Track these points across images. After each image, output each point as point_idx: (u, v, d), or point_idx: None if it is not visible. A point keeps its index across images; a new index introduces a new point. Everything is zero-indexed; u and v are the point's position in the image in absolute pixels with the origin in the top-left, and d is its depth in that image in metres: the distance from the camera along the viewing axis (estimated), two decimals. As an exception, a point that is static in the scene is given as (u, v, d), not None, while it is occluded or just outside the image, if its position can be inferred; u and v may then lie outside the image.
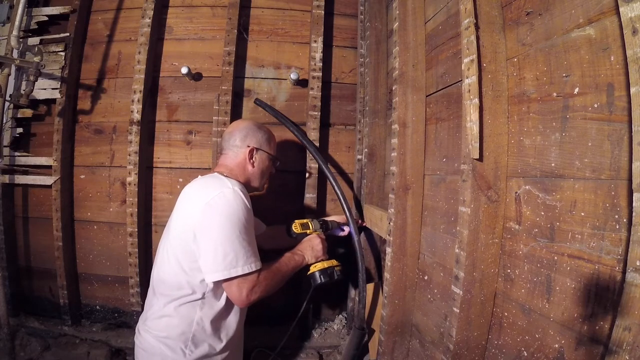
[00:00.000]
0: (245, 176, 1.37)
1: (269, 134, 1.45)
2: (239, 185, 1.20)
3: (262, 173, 1.41)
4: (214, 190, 1.15)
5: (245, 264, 1.11)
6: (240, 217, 1.13)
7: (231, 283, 1.11)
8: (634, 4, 0.60)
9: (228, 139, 1.38)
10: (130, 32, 1.95)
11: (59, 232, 1.86)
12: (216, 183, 1.19)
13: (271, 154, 1.44)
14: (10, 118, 1.92)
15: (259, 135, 1.40)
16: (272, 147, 1.45)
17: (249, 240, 1.15)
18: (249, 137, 1.38)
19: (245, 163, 1.36)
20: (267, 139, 1.42)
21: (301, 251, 1.39)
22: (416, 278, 1.38)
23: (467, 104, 0.97)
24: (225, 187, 1.16)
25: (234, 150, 1.37)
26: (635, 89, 0.60)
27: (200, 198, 1.15)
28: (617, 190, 0.66)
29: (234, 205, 1.13)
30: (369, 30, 1.92)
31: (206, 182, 1.23)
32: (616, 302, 0.63)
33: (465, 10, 0.98)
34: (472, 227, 0.97)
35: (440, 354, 1.13)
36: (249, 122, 1.42)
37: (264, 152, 1.40)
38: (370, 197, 1.86)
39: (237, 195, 1.15)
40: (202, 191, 1.18)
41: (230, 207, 1.13)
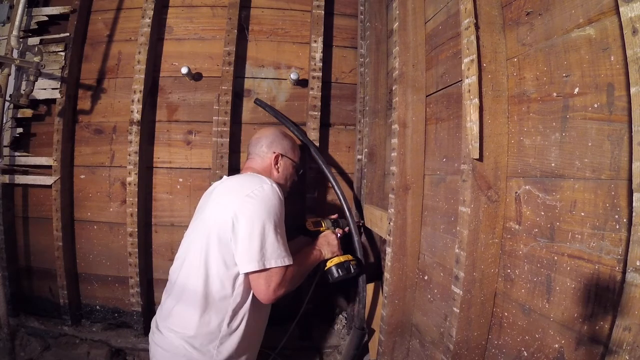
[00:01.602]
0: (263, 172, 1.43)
1: (293, 142, 1.52)
2: (276, 183, 1.26)
3: (286, 179, 1.49)
4: (253, 184, 1.21)
5: (279, 257, 1.15)
6: (277, 212, 1.19)
7: (260, 275, 1.13)
8: (634, 4, 0.60)
9: (255, 144, 1.46)
10: (130, 32, 1.95)
11: (59, 232, 1.86)
12: (255, 179, 1.25)
13: (295, 162, 1.51)
14: (10, 118, 1.92)
15: (284, 143, 1.48)
16: (296, 155, 1.52)
17: (282, 234, 1.20)
18: (274, 144, 1.45)
19: (271, 168, 1.43)
20: (291, 147, 1.50)
21: (318, 247, 1.44)
22: (416, 278, 1.38)
23: (467, 104, 0.97)
24: (264, 183, 1.22)
25: (260, 155, 1.44)
26: (635, 89, 0.60)
27: (240, 190, 1.20)
28: (617, 190, 0.66)
29: (273, 199, 1.19)
30: (369, 30, 1.92)
31: (243, 178, 1.30)
32: (616, 302, 0.63)
33: (465, 10, 0.98)
34: (472, 227, 0.97)
35: (440, 354, 1.13)
36: (276, 130, 1.51)
37: (289, 159, 1.47)
38: (370, 197, 1.86)
39: (275, 191, 1.22)
40: (241, 185, 1.23)
41: (270, 200, 1.18)
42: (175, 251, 1.93)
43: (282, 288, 1.16)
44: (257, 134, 1.50)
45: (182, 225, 1.94)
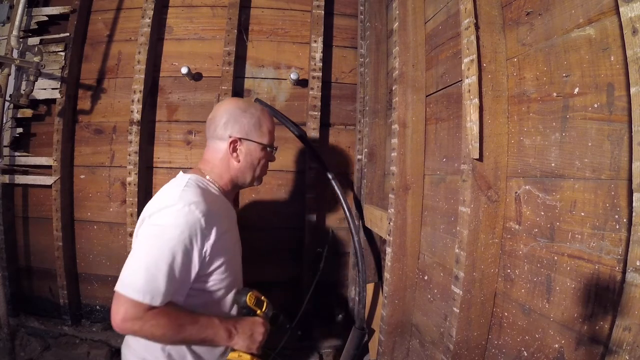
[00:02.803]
0: (230, 173, 1.12)
1: (257, 116, 1.14)
2: (200, 200, 0.95)
3: (253, 166, 1.14)
4: (165, 201, 0.95)
5: (140, 290, 0.85)
6: (175, 247, 0.89)
7: (118, 297, 0.87)
8: (634, 4, 0.60)
9: (209, 126, 1.13)
10: (130, 32, 1.95)
11: (59, 232, 1.86)
12: (173, 192, 0.97)
13: (263, 143, 1.14)
14: (10, 118, 1.92)
15: (243, 121, 1.10)
16: (265, 132, 1.15)
17: (170, 272, 0.88)
18: (230, 124, 1.10)
19: (228, 158, 1.10)
20: (255, 123, 1.12)
21: (236, 329, 1.01)
22: (416, 278, 1.38)
23: (467, 104, 0.97)
24: (178, 202, 0.92)
25: (214, 141, 1.11)
26: (635, 89, 0.60)
27: (151, 206, 0.98)
28: (617, 190, 0.66)
29: (175, 231, 0.89)
30: (369, 30, 1.92)
31: (168, 187, 1.03)
32: (616, 302, 0.63)
33: (465, 10, 0.98)
34: (472, 227, 0.97)
35: (440, 354, 1.13)
36: (232, 104, 1.13)
37: (253, 142, 1.11)
38: (370, 197, 1.86)
39: (184, 220, 0.90)
40: (157, 198, 1.00)
41: (170, 231, 0.89)
42: (175, 251, 1.95)
43: (133, 327, 0.87)
44: (212, 110, 1.15)
45: (182, 225, 1.94)
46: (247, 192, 1.96)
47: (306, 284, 1.91)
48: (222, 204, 1.07)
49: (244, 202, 1.96)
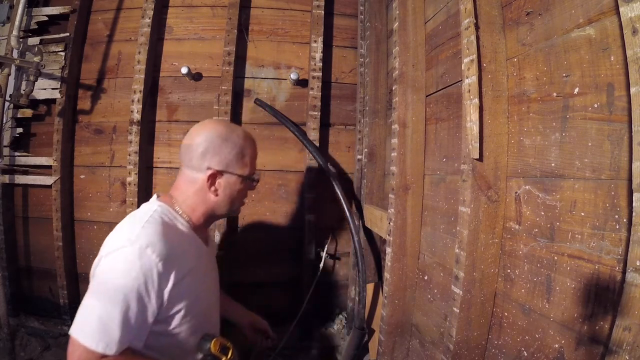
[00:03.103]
0: (206, 207, 1.01)
1: (240, 145, 1.01)
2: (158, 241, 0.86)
3: (232, 199, 1.03)
4: (122, 240, 0.86)
5: (94, 338, 0.79)
6: (129, 294, 0.82)
7: (73, 340, 0.81)
8: (634, 4, 0.60)
9: (184, 153, 0.99)
10: (130, 32, 1.95)
11: (59, 232, 1.86)
12: (133, 229, 0.88)
13: (244, 175, 1.03)
14: (10, 118, 1.92)
15: (224, 152, 0.98)
16: (247, 162, 1.04)
17: (125, 321, 0.81)
18: (209, 155, 0.97)
19: (205, 191, 0.99)
20: (237, 153, 1.00)
21: None
22: (416, 278, 1.38)
23: (467, 104, 0.97)
24: (134, 244, 0.84)
25: (190, 171, 0.99)
26: (635, 89, 0.60)
27: (109, 242, 0.89)
28: (617, 190, 0.66)
29: (129, 277, 0.82)
30: (369, 30, 1.92)
31: (131, 219, 0.93)
32: (616, 302, 0.63)
33: (465, 10, 0.98)
34: (472, 227, 0.97)
35: (440, 354, 1.13)
36: (211, 131, 0.99)
37: (234, 174, 1.00)
38: (370, 197, 1.86)
39: (139, 262, 0.83)
40: (117, 232, 0.91)
41: (124, 277, 0.82)
42: (175, 251, 1.95)
43: None
44: (187, 136, 1.00)
45: (182, 225, 1.94)
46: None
47: (306, 284, 1.91)
48: (187, 242, 0.97)
49: (244, 202, 1.96)
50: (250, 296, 1.98)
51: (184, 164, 1.00)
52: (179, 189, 1.01)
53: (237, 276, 1.96)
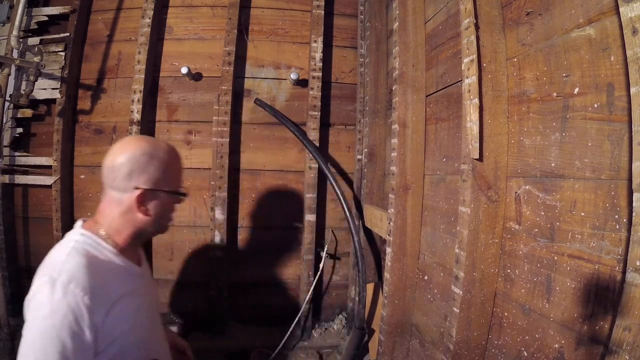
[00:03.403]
0: (135, 227, 0.96)
1: (166, 160, 0.96)
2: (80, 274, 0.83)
3: (162, 217, 0.99)
4: (46, 276, 0.81)
5: None
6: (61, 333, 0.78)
7: None
8: (634, 4, 0.60)
9: (107, 174, 0.92)
10: (130, 32, 1.95)
11: (59, 232, 1.86)
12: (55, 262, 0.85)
13: (173, 191, 0.98)
14: (10, 118, 1.92)
15: (151, 169, 0.93)
16: (175, 177, 0.99)
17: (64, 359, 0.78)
18: (135, 175, 0.91)
19: (134, 212, 0.93)
20: (165, 169, 0.95)
21: None
22: (416, 278, 1.38)
23: (467, 104, 0.97)
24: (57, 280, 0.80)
25: (114, 192, 0.92)
26: (635, 89, 0.60)
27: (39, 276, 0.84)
28: (617, 190, 0.66)
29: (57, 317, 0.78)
30: (369, 30, 1.92)
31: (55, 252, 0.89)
32: (616, 302, 0.63)
33: (465, 10, 0.98)
34: (472, 227, 0.97)
35: (440, 354, 1.13)
36: (136, 150, 0.92)
37: (162, 191, 0.95)
38: (370, 197, 1.86)
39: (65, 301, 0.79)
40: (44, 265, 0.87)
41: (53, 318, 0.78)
42: (175, 251, 1.95)
43: None
44: (110, 156, 0.93)
45: (182, 226, 1.94)
46: (247, 193, 1.97)
47: (306, 284, 1.91)
48: (115, 269, 0.93)
49: (245, 202, 1.96)
50: (250, 296, 1.99)
51: (108, 185, 0.94)
52: (103, 213, 0.95)
53: (236, 276, 1.97)
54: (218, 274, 1.87)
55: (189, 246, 1.95)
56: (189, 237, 1.94)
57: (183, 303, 1.96)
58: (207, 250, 1.89)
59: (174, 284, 1.95)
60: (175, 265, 1.95)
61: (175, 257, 1.95)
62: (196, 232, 1.93)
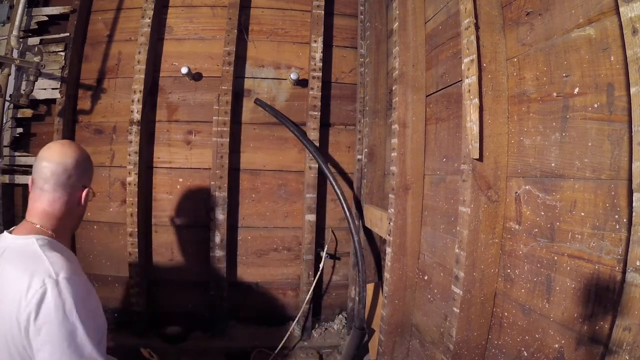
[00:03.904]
0: (74, 221, 1.07)
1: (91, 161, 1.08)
2: (65, 266, 0.87)
3: (84, 214, 1.09)
4: (34, 283, 0.81)
5: None
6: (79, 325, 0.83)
7: None
8: (634, 4, 0.60)
9: (59, 174, 0.96)
10: (130, 32, 1.95)
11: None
12: (37, 267, 0.85)
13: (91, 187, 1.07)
14: (10, 118, 1.92)
15: (90, 169, 1.05)
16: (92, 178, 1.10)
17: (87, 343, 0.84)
18: (86, 174, 1.02)
19: (77, 208, 1.02)
20: (93, 170, 1.08)
21: None
22: (416, 278, 1.38)
23: (467, 104, 0.97)
24: (58, 276, 0.84)
25: (64, 191, 0.97)
26: (635, 89, 0.60)
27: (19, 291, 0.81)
28: (617, 190, 0.66)
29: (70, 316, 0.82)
30: (369, 30, 1.92)
31: (24, 265, 0.86)
32: (616, 302, 0.63)
33: (465, 10, 0.98)
34: (472, 227, 0.97)
35: (440, 354, 1.13)
36: (81, 151, 1.02)
37: (92, 189, 1.06)
38: (370, 197, 1.86)
39: (79, 279, 0.86)
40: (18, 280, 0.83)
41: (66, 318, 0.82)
42: (175, 251, 1.95)
43: None
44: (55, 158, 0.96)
45: (182, 226, 1.94)
46: (247, 193, 1.97)
47: (306, 284, 1.92)
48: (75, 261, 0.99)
49: (244, 202, 1.96)
50: (250, 296, 1.99)
51: (59, 184, 0.97)
52: (47, 215, 0.98)
53: (236, 276, 1.97)
54: (218, 274, 1.87)
55: (189, 246, 1.95)
56: (189, 237, 1.94)
57: (183, 303, 1.96)
58: (207, 250, 1.89)
59: (174, 284, 1.96)
60: (175, 265, 1.95)
61: (175, 257, 1.95)
62: (196, 232, 1.93)
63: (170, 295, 1.96)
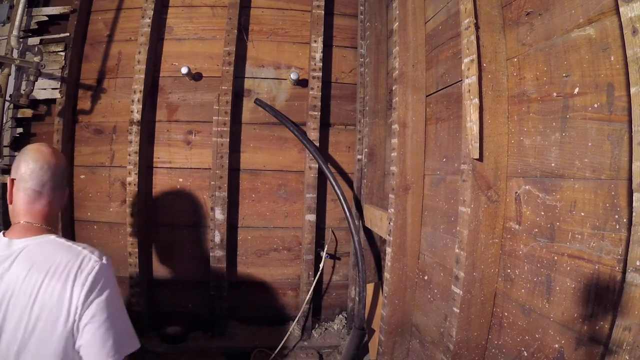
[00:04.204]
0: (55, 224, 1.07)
1: None
2: (100, 252, 0.96)
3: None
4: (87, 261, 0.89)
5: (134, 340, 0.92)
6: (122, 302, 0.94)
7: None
8: (634, 4, 0.60)
9: (53, 174, 0.97)
10: (130, 32, 1.95)
11: (59, 232, 1.86)
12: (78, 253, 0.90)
13: None
14: (10, 118, 1.92)
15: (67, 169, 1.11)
16: None
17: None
18: (66, 173, 1.07)
19: (62, 205, 1.06)
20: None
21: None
22: (416, 278, 1.38)
23: (467, 104, 0.97)
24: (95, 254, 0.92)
25: (60, 191, 1.01)
26: (635, 89, 0.60)
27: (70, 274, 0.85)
28: (617, 190, 0.66)
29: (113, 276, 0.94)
30: (369, 30, 1.92)
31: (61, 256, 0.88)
32: (616, 302, 0.63)
33: (465, 10, 0.98)
34: (472, 227, 0.97)
35: (440, 354, 1.13)
36: (60, 153, 1.05)
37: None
38: (370, 197, 1.86)
39: (112, 271, 0.95)
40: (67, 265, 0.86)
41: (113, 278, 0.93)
42: (175, 251, 1.95)
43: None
44: (50, 157, 0.98)
45: (182, 226, 1.94)
46: (247, 193, 1.97)
47: (306, 284, 1.92)
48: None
49: (244, 202, 1.96)
50: (250, 296, 1.99)
51: (56, 186, 0.99)
52: (45, 213, 0.98)
53: (236, 276, 1.97)
54: (218, 274, 1.87)
55: (189, 246, 1.95)
56: (189, 237, 1.94)
57: (183, 303, 1.96)
58: (207, 250, 1.89)
59: (174, 284, 1.96)
60: (175, 265, 1.95)
61: (175, 257, 1.95)
62: (196, 232, 1.93)
63: (170, 295, 1.96)
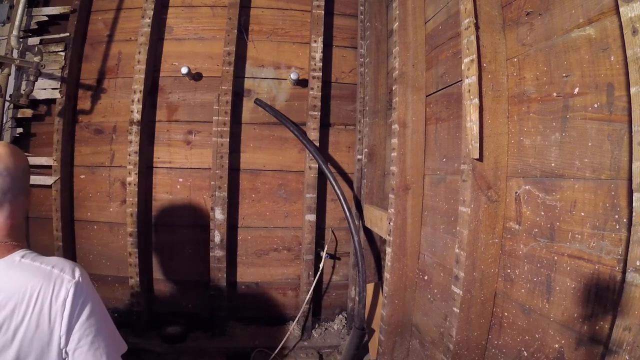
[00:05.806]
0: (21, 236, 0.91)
1: None
2: (73, 267, 0.86)
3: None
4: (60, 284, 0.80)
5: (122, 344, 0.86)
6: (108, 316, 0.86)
7: None
8: (634, 4, 0.60)
9: (22, 177, 0.84)
10: (130, 32, 1.95)
11: (59, 232, 1.86)
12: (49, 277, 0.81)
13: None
14: (10, 118, 1.92)
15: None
16: None
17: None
18: (29, 174, 0.89)
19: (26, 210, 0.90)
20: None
21: None
22: (416, 278, 1.38)
23: (467, 104, 0.97)
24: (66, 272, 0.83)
25: (23, 196, 0.86)
26: (635, 89, 0.60)
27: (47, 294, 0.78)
28: (617, 190, 0.66)
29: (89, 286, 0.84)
30: (369, 30, 1.92)
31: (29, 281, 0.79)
32: (616, 302, 0.63)
33: (465, 10, 0.98)
34: (472, 227, 0.97)
35: (440, 354, 1.13)
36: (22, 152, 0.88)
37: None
38: (370, 197, 1.86)
39: (90, 285, 0.84)
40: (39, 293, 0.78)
41: (90, 289, 0.84)
42: (175, 251, 1.95)
43: None
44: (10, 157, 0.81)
45: (182, 226, 1.94)
46: (247, 192, 1.97)
47: (306, 284, 1.91)
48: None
49: (244, 202, 1.96)
50: (250, 296, 1.99)
51: (20, 190, 0.84)
52: (10, 225, 0.84)
53: (236, 276, 1.97)
54: (218, 274, 1.87)
55: (189, 246, 1.95)
56: (189, 237, 1.94)
57: (183, 303, 1.96)
58: (207, 250, 1.89)
59: (174, 284, 1.96)
60: (175, 265, 1.95)
61: (175, 257, 1.95)
62: (196, 232, 1.93)
63: (170, 295, 1.96)
